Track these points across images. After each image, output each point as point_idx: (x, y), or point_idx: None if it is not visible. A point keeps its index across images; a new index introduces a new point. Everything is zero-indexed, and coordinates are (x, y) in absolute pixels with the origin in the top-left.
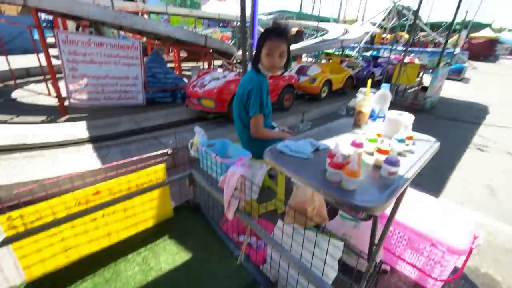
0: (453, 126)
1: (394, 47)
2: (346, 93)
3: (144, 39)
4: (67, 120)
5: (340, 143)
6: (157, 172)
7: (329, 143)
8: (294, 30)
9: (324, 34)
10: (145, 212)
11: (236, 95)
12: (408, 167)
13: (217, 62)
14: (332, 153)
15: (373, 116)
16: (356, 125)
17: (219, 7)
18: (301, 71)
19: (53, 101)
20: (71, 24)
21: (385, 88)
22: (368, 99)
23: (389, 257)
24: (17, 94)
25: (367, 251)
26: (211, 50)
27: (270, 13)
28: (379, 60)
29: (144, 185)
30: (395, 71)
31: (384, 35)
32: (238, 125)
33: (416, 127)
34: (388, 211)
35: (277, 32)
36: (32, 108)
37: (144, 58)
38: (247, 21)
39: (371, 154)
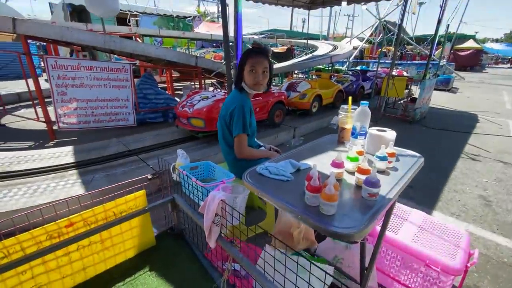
0: (444, 136)
1: (383, 61)
2: (337, 107)
3: (138, 61)
4: (56, 145)
5: (321, 163)
6: (137, 199)
7: (312, 162)
8: (284, 48)
9: (313, 51)
10: (124, 242)
11: (220, 116)
12: (391, 186)
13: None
14: (310, 175)
15: (354, 134)
16: (340, 142)
17: (212, 28)
18: (291, 87)
19: (42, 126)
20: (64, 49)
21: (364, 105)
22: (350, 116)
23: (384, 278)
24: (6, 120)
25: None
26: (202, 70)
27: (261, 33)
28: (368, 74)
29: (123, 213)
30: (383, 85)
31: (381, 50)
32: (222, 146)
33: (408, 138)
34: (377, 229)
35: (258, 50)
36: (21, 133)
37: (136, 80)
38: (231, 40)
39: (353, 173)
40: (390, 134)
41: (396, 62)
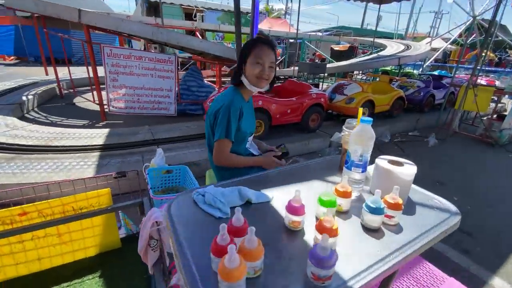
0: None
1: (471, 67)
2: (394, 116)
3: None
4: (105, 126)
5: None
6: (100, 197)
7: (281, 192)
8: (346, 46)
9: (380, 51)
10: (84, 239)
11: (206, 114)
12: (374, 261)
13: None
14: (230, 222)
15: (347, 162)
16: (342, 167)
17: (274, 25)
18: (337, 89)
19: (98, 108)
20: (140, 43)
21: (366, 123)
22: None
23: None
24: (77, 100)
25: None
26: None
27: (326, 30)
28: (444, 81)
29: (83, 209)
30: (459, 95)
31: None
32: (208, 149)
33: (481, 166)
34: None
35: (264, 40)
36: (83, 112)
37: (184, 72)
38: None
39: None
40: (406, 172)
41: (487, 68)
